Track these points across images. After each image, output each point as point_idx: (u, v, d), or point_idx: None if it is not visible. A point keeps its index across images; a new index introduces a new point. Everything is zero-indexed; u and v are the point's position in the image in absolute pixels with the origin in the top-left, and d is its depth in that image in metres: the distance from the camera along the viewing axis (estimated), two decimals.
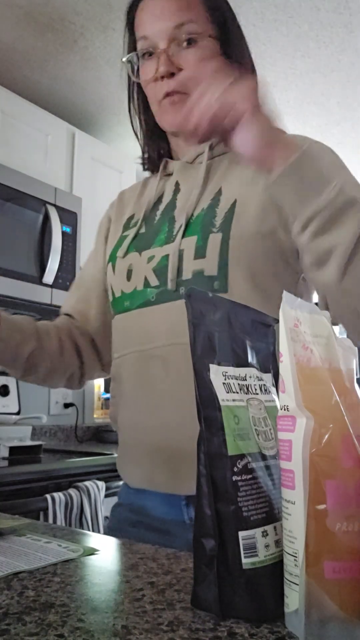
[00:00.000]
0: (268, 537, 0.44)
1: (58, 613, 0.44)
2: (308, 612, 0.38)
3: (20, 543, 0.65)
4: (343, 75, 2.47)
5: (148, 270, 0.85)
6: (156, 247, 0.86)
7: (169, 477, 0.80)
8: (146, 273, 0.85)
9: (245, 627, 0.41)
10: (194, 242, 0.81)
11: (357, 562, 0.39)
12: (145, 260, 0.86)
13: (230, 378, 0.48)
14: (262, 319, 0.55)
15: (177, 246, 0.82)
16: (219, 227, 0.80)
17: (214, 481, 0.44)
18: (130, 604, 0.46)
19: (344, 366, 0.44)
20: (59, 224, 2.21)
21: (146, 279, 0.85)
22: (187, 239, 0.82)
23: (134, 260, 0.88)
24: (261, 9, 2.06)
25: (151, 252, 0.86)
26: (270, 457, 0.47)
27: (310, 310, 0.45)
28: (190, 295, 0.48)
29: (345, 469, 0.39)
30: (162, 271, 0.83)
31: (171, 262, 0.82)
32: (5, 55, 2.29)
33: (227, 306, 0.51)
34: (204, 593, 0.43)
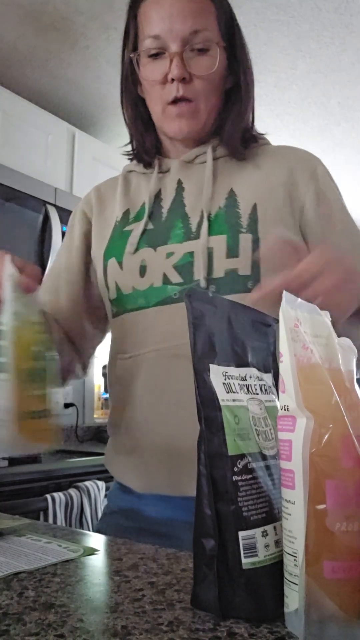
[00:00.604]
0: (268, 537, 0.44)
1: (58, 613, 0.44)
2: (308, 611, 0.38)
3: (20, 543, 0.65)
4: (344, 76, 2.47)
5: (167, 266, 0.83)
6: (175, 244, 0.84)
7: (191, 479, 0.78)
8: (165, 269, 0.83)
9: (245, 627, 0.41)
10: (224, 240, 0.81)
11: (356, 562, 0.39)
12: (162, 256, 0.84)
13: (230, 378, 0.48)
14: (262, 318, 0.55)
15: (204, 243, 0.82)
16: (247, 228, 0.81)
17: (214, 481, 0.44)
18: (130, 604, 0.46)
19: (344, 366, 0.44)
20: (59, 224, 2.21)
21: (165, 275, 0.83)
22: (215, 238, 0.82)
23: (146, 256, 0.86)
24: (262, 9, 2.06)
25: (169, 248, 0.84)
26: (271, 457, 0.47)
27: (311, 310, 0.45)
28: (190, 295, 0.48)
29: (345, 469, 0.39)
30: (185, 268, 0.82)
31: (201, 259, 0.81)
32: (6, 54, 2.29)
33: (227, 306, 0.51)
34: (204, 593, 0.43)
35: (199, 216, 0.84)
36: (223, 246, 0.81)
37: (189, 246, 0.83)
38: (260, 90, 2.57)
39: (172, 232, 0.86)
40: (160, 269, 0.84)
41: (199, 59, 0.83)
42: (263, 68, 2.40)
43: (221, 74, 0.87)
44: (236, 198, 0.85)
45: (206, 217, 0.84)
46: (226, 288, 0.79)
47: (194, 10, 0.83)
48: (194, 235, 0.84)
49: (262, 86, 2.53)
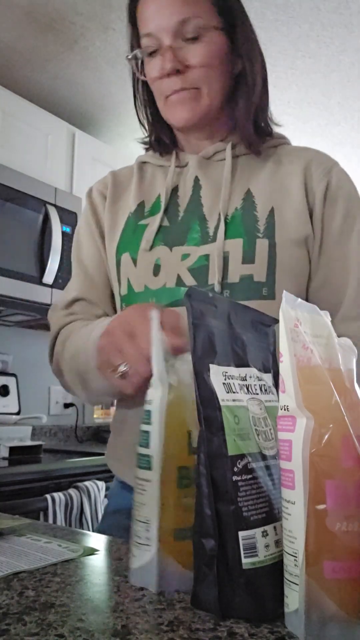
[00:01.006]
0: (268, 537, 0.44)
1: (58, 613, 0.44)
2: (308, 612, 0.38)
3: (20, 543, 0.65)
4: (343, 76, 2.47)
5: (182, 268, 0.83)
6: (191, 246, 0.84)
7: None
8: (180, 271, 0.83)
9: (245, 627, 0.41)
10: (240, 245, 0.80)
11: (356, 562, 0.39)
12: (177, 258, 0.83)
13: (230, 378, 0.48)
14: (262, 318, 0.55)
15: (220, 247, 0.81)
16: (264, 233, 0.81)
17: (214, 481, 0.44)
18: (131, 603, 0.46)
19: (344, 366, 0.44)
20: (59, 224, 2.21)
21: (179, 277, 0.82)
22: (232, 242, 0.81)
23: (162, 254, 0.85)
24: (262, 9, 2.06)
25: (185, 250, 0.84)
26: (271, 457, 0.47)
27: (310, 310, 0.45)
28: (190, 295, 0.48)
29: (345, 469, 0.39)
30: (200, 271, 0.81)
31: (216, 263, 0.80)
32: (5, 55, 2.29)
33: (227, 306, 0.51)
34: (204, 593, 0.43)
35: (217, 219, 0.84)
36: (239, 251, 0.80)
37: (205, 249, 0.82)
38: None
39: (189, 234, 0.85)
40: (175, 270, 0.83)
41: (192, 47, 0.82)
42: None
43: (222, 58, 0.84)
44: (253, 200, 0.84)
45: (223, 219, 0.83)
46: (240, 294, 0.79)
47: (182, 1, 0.81)
48: (210, 238, 0.83)
49: None
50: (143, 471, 0.51)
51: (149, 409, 0.52)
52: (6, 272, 2.03)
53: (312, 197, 0.85)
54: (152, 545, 0.49)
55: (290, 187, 0.85)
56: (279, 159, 0.89)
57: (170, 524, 0.50)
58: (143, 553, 0.50)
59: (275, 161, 0.89)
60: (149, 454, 0.51)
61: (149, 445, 0.51)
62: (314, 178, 0.85)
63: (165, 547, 0.49)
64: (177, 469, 0.51)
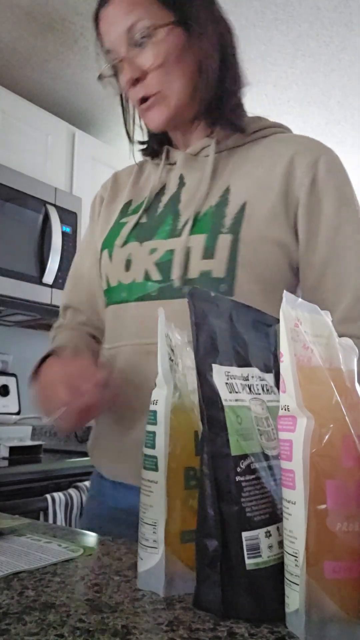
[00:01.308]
0: (271, 537, 0.44)
1: (58, 613, 0.44)
2: (308, 612, 0.38)
3: (20, 543, 0.65)
4: (343, 75, 2.46)
5: (149, 263, 0.83)
6: (159, 240, 0.84)
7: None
8: (147, 266, 0.83)
9: (245, 626, 0.41)
10: (203, 240, 0.80)
11: (357, 562, 0.39)
12: (146, 252, 0.84)
13: (232, 378, 0.48)
14: (264, 318, 0.55)
15: (184, 242, 0.81)
16: (229, 228, 0.79)
17: (217, 481, 0.44)
18: (130, 603, 0.46)
19: (345, 366, 0.44)
20: (59, 224, 2.21)
21: (147, 272, 0.83)
22: (195, 237, 0.80)
23: (133, 250, 0.86)
24: (261, 8, 2.06)
25: (153, 244, 0.84)
26: (273, 457, 0.47)
27: (311, 310, 0.45)
28: (192, 295, 0.48)
29: (345, 469, 0.39)
30: (165, 266, 0.82)
31: (177, 258, 0.80)
32: (5, 55, 2.29)
33: (229, 306, 0.51)
34: (206, 594, 0.43)
35: (189, 214, 0.83)
36: (201, 246, 0.79)
37: (171, 244, 0.82)
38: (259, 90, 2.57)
39: (160, 227, 0.85)
40: (143, 264, 0.84)
41: (142, 52, 0.81)
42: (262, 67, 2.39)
43: (178, 53, 0.82)
44: (228, 197, 0.83)
45: (193, 215, 0.82)
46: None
47: (127, 7, 0.80)
48: (178, 232, 0.83)
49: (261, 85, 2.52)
50: (149, 472, 0.51)
51: (154, 409, 0.52)
52: (6, 272, 2.03)
53: (296, 192, 0.81)
54: (159, 548, 0.49)
55: (270, 182, 0.82)
56: (264, 152, 0.86)
57: (178, 526, 0.49)
58: (150, 556, 0.49)
59: (259, 154, 0.86)
60: (154, 454, 0.50)
61: (154, 446, 0.51)
62: (297, 173, 0.82)
63: (173, 550, 0.49)
64: (183, 470, 0.50)
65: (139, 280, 0.83)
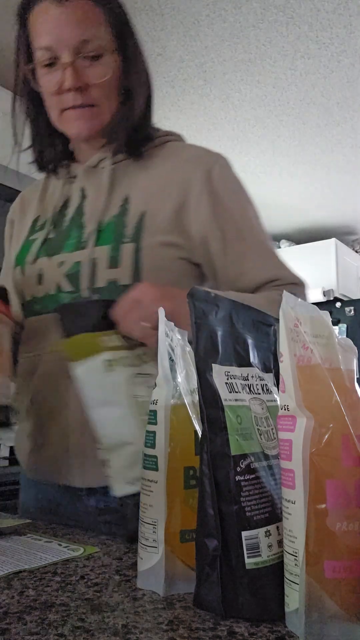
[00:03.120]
0: (271, 537, 0.44)
1: (58, 612, 0.44)
2: (308, 611, 0.38)
3: (20, 542, 0.65)
4: (343, 76, 2.47)
5: (60, 275, 0.86)
6: (66, 253, 0.87)
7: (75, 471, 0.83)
8: (58, 279, 0.87)
9: (245, 626, 0.41)
10: (107, 251, 0.83)
11: (357, 562, 0.39)
12: (55, 265, 0.87)
13: (232, 378, 0.48)
14: (264, 318, 0.55)
15: (89, 254, 0.84)
16: (131, 238, 0.83)
17: (217, 481, 0.44)
18: (130, 603, 0.46)
19: (344, 366, 0.44)
20: None
21: (58, 284, 0.86)
22: (100, 248, 0.84)
23: (44, 265, 0.89)
24: (261, 10, 2.07)
25: (61, 258, 0.87)
26: (273, 456, 0.47)
27: (311, 310, 0.45)
28: (192, 295, 0.48)
29: (345, 469, 0.39)
30: (75, 277, 0.85)
31: (85, 269, 0.84)
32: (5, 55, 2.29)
33: (229, 306, 0.51)
34: (206, 593, 0.43)
35: (92, 226, 0.87)
36: (105, 256, 0.83)
37: (77, 256, 0.86)
38: (259, 91, 2.57)
39: (67, 241, 0.89)
40: (54, 278, 0.87)
41: (92, 67, 0.84)
42: (262, 69, 2.40)
43: (117, 77, 0.87)
44: (127, 207, 0.86)
45: (96, 227, 0.86)
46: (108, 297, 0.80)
47: (81, 19, 0.82)
48: (83, 244, 0.86)
49: (261, 87, 2.53)
50: (149, 472, 0.51)
51: (154, 409, 0.52)
52: None
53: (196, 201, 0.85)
54: (159, 547, 0.49)
55: (167, 192, 0.86)
56: (158, 162, 0.90)
57: (177, 526, 0.49)
58: (150, 555, 0.50)
59: (155, 164, 0.90)
60: (154, 454, 0.51)
61: (154, 445, 0.51)
62: (193, 181, 0.86)
63: (173, 549, 0.49)
64: (183, 469, 0.50)
65: (52, 292, 0.87)
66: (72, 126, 0.88)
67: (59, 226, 0.92)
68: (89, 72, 0.84)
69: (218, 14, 2.10)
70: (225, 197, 0.87)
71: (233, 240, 0.86)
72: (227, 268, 0.86)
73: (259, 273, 0.85)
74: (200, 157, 0.90)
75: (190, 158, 0.90)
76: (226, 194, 0.87)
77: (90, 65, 0.84)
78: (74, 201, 0.92)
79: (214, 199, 0.86)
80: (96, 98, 0.85)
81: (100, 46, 0.83)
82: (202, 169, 0.87)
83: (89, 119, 0.86)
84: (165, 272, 0.84)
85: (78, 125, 0.87)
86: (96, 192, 0.90)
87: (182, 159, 0.90)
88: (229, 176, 0.90)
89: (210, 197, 0.86)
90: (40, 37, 0.84)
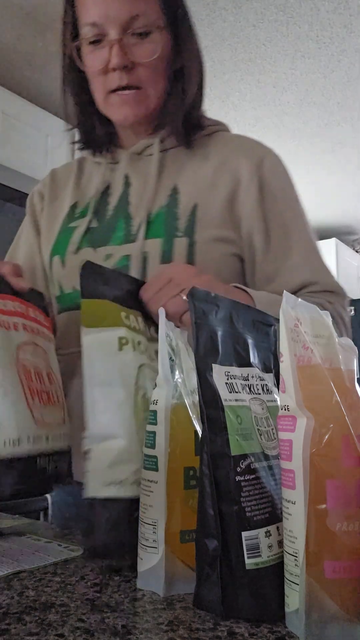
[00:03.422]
0: (271, 537, 0.44)
1: (58, 613, 0.44)
2: (308, 611, 0.38)
3: (20, 543, 0.65)
4: (343, 76, 2.47)
5: None
6: (114, 245, 0.83)
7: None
8: None
9: (245, 626, 0.41)
10: (159, 245, 0.80)
11: (357, 562, 0.39)
12: (101, 258, 0.83)
13: (233, 378, 0.48)
14: (264, 318, 0.55)
15: (140, 247, 0.80)
16: (184, 232, 0.80)
17: (217, 481, 0.44)
18: (130, 603, 0.46)
19: (345, 366, 0.44)
20: None
21: None
22: (151, 241, 0.80)
23: (87, 256, 0.84)
24: (261, 10, 2.07)
25: (108, 250, 0.83)
26: (273, 457, 0.47)
27: (311, 310, 0.45)
28: (192, 295, 0.48)
29: (345, 469, 0.39)
30: (123, 271, 0.81)
31: (135, 264, 0.80)
32: (5, 55, 2.29)
33: (229, 305, 0.51)
34: (206, 593, 0.43)
35: (141, 217, 0.83)
36: (158, 250, 0.80)
37: (126, 249, 0.82)
38: (259, 91, 2.57)
39: (114, 233, 0.85)
40: None
41: (141, 45, 0.79)
42: (262, 68, 2.40)
43: (166, 58, 0.82)
44: (177, 197, 0.83)
45: (145, 219, 0.82)
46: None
47: None
48: (132, 237, 0.82)
49: (261, 86, 2.53)
50: (149, 472, 0.51)
51: (154, 409, 0.52)
52: None
53: (244, 193, 0.82)
54: (159, 548, 0.49)
55: (217, 181, 0.83)
56: (208, 151, 0.87)
57: (177, 526, 0.49)
58: (150, 556, 0.49)
59: (204, 154, 0.86)
60: (154, 454, 0.50)
61: (154, 446, 0.50)
62: (242, 176, 0.83)
63: (173, 550, 0.49)
64: (183, 469, 0.50)
65: None
66: (118, 112, 0.84)
67: (102, 215, 0.87)
68: (137, 51, 0.79)
69: (218, 14, 2.10)
70: (274, 189, 0.84)
71: (277, 235, 0.82)
72: (265, 264, 0.83)
73: (296, 274, 0.81)
74: (253, 147, 0.87)
75: (242, 147, 0.86)
76: (275, 187, 0.84)
77: (137, 43, 0.79)
78: (117, 189, 0.88)
79: (262, 189, 0.83)
80: (143, 79, 0.81)
81: (149, 23, 0.79)
82: (254, 158, 0.84)
83: (135, 105, 0.82)
84: (216, 266, 0.80)
85: (124, 111, 0.83)
86: (142, 181, 0.86)
87: (232, 149, 0.86)
88: (280, 170, 0.86)
89: (259, 187, 0.83)
90: (87, 12, 0.80)
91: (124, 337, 0.60)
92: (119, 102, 0.82)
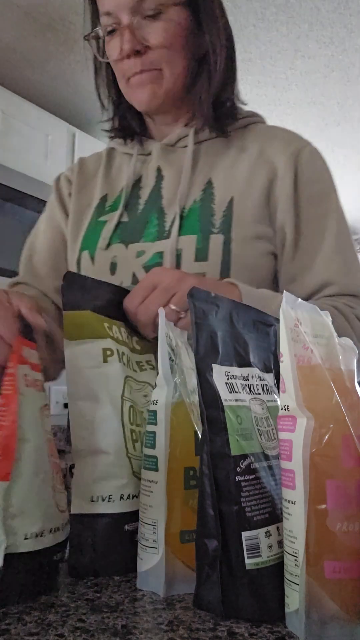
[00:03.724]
0: (271, 537, 0.44)
1: (58, 613, 0.44)
2: (308, 612, 0.38)
3: None
4: (343, 76, 2.47)
5: (137, 266, 0.79)
6: (146, 242, 0.80)
7: None
8: (135, 269, 0.79)
9: (245, 626, 0.41)
10: (194, 242, 0.77)
11: (357, 562, 0.39)
12: (133, 255, 0.80)
13: (233, 378, 0.48)
14: (264, 318, 0.55)
15: (174, 245, 0.77)
16: (219, 228, 0.77)
17: (217, 481, 0.44)
18: (130, 603, 0.46)
19: (345, 366, 0.44)
20: None
21: (135, 275, 0.79)
22: (186, 238, 0.77)
23: (118, 252, 0.81)
24: (261, 10, 2.07)
25: (140, 247, 0.80)
26: (273, 457, 0.47)
27: (311, 310, 0.45)
28: (192, 295, 0.48)
29: (345, 469, 0.39)
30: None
31: (167, 262, 0.77)
32: (5, 55, 2.29)
33: (229, 306, 0.51)
34: (206, 593, 0.43)
35: (174, 213, 0.80)
36: (192, 248, 0.77)
37: (159, 246, 0.79)
38: (259, 91, 2.57)
39: (146, 229, 0.82)
40: (130, 268, 0.80)
41: (152, 26, 0.76)
42: (262, 68, 2.40)
43: (184, 37, 0.78)
44: (212, 191, 0.80)
45: (179, 214, 0.79)
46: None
47: None
48: (166, 234, 0.79)
49: (261, 86, 2.53)
50: (149, 472, 0.51)
51: (154, 409, 0.52)
52: (6, 272, 2.03)
53: (280, 185, 0.80)
54: (159, 548, 0.49)
55: (254, 174, 0.80)
56: (244, 144, 0.84)
57: (177, 526, 0.49)
58: (150, 556, 0.49)
59: (240, 146, 0.84)
60: (154, 454, 0.50)
61: (154, 446, 0.50)
62: (279, 168, 0.80)
63: (173, 550, 0.49)
64: (183, 470, 0.50)
65: (127, 284, 0.79)
66: (136, 95, 0.81)
67: (134, 209, 0.84)
68: (146, 33, 0.76)
69: None
70: (310, 182, 0.80)
71: (306, 232, 0.79)
72: (291, 264, 0.79)
73: (316, 276, 0.78)
74: (290, 138, 0.84)
75: (279, 139, 0.83)
76: (311, 180, 0.81)
77: (149, 25, 0.76)
78: (148, 181, 0.85)
79: (296, 182, 0.80)
80: (159, 60, 0.77)
81: (159, 2, 0.75)
82: (290, 149, 0.81)
83: (150, 86, 0.78)
84: (252, 264, 0.77)
85: (141, 93, 0.79)
86: (176, 174, 0.83)
87: (269, 140, 0.83)
88: (318, 163, 0.83)
89: (294, 179, 0.80)
90: (102, 3, 0.79)
91: (109, 348, 0.59)
92: (135, 85, 0.80)
